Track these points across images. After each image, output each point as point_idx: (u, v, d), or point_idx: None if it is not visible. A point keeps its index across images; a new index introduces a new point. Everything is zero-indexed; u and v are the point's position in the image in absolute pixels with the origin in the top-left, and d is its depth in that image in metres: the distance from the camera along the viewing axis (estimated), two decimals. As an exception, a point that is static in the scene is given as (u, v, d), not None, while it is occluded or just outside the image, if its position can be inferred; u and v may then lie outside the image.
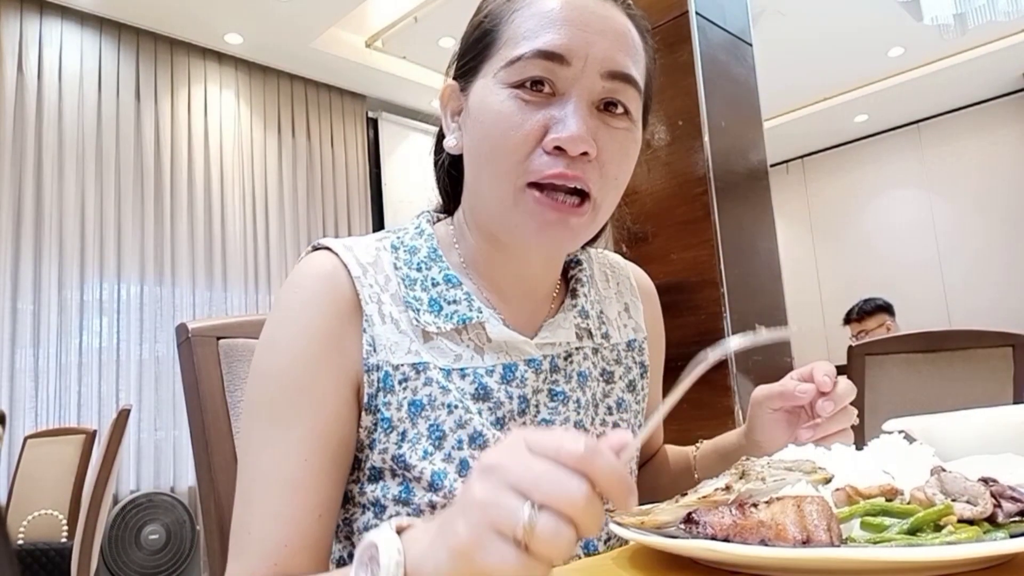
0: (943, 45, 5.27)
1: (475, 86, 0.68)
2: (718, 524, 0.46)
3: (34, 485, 2.75)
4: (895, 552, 0.40)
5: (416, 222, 0.77)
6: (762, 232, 2.17)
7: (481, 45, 0.68)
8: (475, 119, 0.67)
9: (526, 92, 0.64)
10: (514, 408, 0.69)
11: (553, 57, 0.63)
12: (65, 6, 4.05)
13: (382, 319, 0.67)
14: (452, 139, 0.72)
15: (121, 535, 3.64)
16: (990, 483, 0.46)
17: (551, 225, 0.65)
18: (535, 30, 0.64)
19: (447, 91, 0.73)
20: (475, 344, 0.70)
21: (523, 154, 0.64)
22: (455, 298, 0.70)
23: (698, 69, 2.05)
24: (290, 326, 0.66)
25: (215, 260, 4.45)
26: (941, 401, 1.59)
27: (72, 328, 3.87)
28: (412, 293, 0.69)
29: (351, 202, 5.17)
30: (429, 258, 0.72)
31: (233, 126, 4.69)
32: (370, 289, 0.68)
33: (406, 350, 0.67)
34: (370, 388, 0.66)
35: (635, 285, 0.88)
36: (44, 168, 3.88)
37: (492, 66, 0.67)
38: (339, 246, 0.70)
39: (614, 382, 0.79)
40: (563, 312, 0.76)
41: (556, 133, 0.63)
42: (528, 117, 0.64)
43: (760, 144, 2.24)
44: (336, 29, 4.62)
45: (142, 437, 4.01)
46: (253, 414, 0.66)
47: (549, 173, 0.63)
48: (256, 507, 0.62)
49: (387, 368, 0.66)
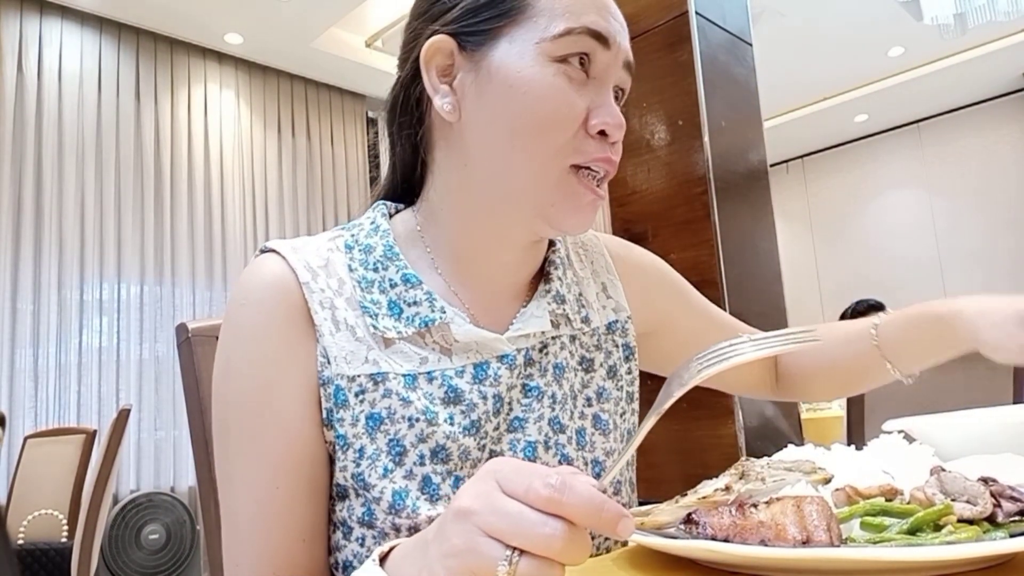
0: (943, 45, 5.27)
1: (498, 51, 0.63)
2: (718, 524, 0.46)
3: (34, 485, 2.75)
4: (895, 552, 0.40)
5: (371, 216, 0.71)
6: (762, 232, 2.18)
7: (504, 7, 0.63)
8: (509, 88, 0.62)
9: (572, 70, 0.62)
10: (489, 409, 0.65)
11: (600, 38, 0.63)
12: (65, 6, 4.05)
13: (335, 326, 0.64)
14: (447, 103, 0.65)
15: (121, 535, 3.64)
16: (990, 483, 0.46)
17: (586, 207, 0.65)
18: (577, 7, 0.63)
19: (434, 47, 0.65)
20: (441, 346, 0.66)
21: (572, 133, 0.63)
22: (415, 299, 0.65)
23: (698, 69, 2.05)
24: (242, 347, 0.63)
25: (215, 260, 4.46)
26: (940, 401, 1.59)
27: (72, 328, 3.87)
28: (369, 296, 0.65)
29: (351, 202, 5.17)
30: (386, 257, 0.67)
31: (233, 126, 4.69)
32: (321, 295, 0.64)
33: (363, 359, 0.63)
34: (327, 403, 0.63)
35: (610, 261, 0.83)
36: (44, 168, 3.88)
37: (524, 32, 0.63)
38: (287, 248, 0.66)
39: (594, 370, 0.75)
40: (536, 300, 0.71)
41: (601, 118, 0.63)
42: (577, 97, 0.63)
43: (760, 144, 2.24)
44: (336, 29, 4.62)
45: (142, 437, 4.01)
46: (220, 443, 0.64)
47: (597, 156, 0.64)
48: (242, 537, 0.61)
49: (340, 381, 0.62)
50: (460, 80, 0.65)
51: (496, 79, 0.63)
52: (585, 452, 0.71)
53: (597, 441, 0.72)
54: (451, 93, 0.65)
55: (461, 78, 0.65)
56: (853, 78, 5.84)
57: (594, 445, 0.72)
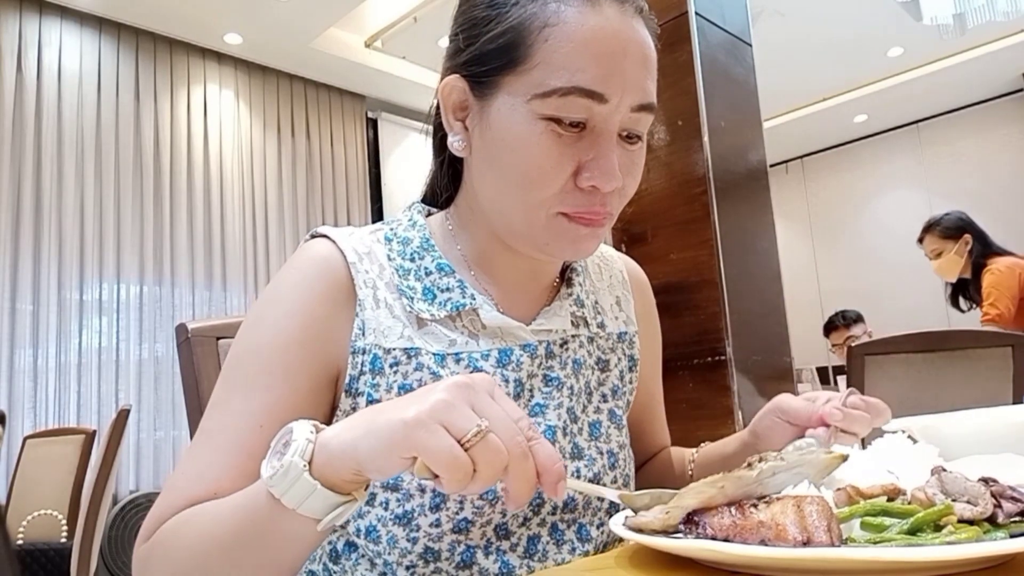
0: (942, 45, 5.27)
1: (497, 100, 0.65)
2: (718, 525, 0.46)
3: (33, 485, 2.75)
4: (896, 552, 0.40)
5: (408, 214, 0.77)
6: (761, 232, 2.17)
7: (507, 57, 0.64)
8: (501, 141, 0.65)
9: (562, 127, 0.62)
10: (510, 392, 0.69)
11: (593, 96, 0.62)
12: (65, 6, 4.04)
13: (376, 304, 0.69)
14: (457, 142, 0.69)
15: (121, 535, 3.64)
16: (990, 483, 0.46)
17: (583, 239, 0.67)
18: (573, 59, 0.61)
19: (450, 86, 0.68)
20: (469, 331, 0.70)
21: (556, 189, 0.64)
22: (448, 286, 0.71)
23: (698, 69, 2.05)
24: (278, 305, 0.67)
25: (215, 260, 4.45)
26: (941, 401, 1.60)
27: (71, 328, 3.87)
28: (406, 282, 0.70)
29: (351, 202, 5.17)
30: (422, 248, 0.73)
31: (233, 126, 4.69)
32: (365, 275, 0.69)
33: (399, 335, 0.68)
34: (353, 371, 0.67)
35: (627, 279, 0.88)
36: (43, 168, 3.88)
37: (521, 86, 0.63)
38: (336, 234, 0.71)
39: (609, 370, 0.80)
40: (559, 300, 0.76)
41: (590, 172, 0.63)
42: (563, 153, 0.63)
43: (760, 144, 2.24)
44: (335, 29, 4.62)
45: (142, 437, 4.01)
46: (222, 382, 0.66)
47: (583, 210, 0.65)
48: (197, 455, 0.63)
49: (376, 351, 0.67)
50: (471, 120, 0.69)
51: (493, 129, 0.66)
52: (600, 443, 0.75)
53: (612, 434, 0.77)
54: (464, 131, 0.69)
55: (471, 119, 0.69)
56: (853, 78, 5.84)
57: (609, 437, 0.76)
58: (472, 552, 0.66)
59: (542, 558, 0.69)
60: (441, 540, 0.65)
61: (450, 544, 0.65)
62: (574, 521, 0.72)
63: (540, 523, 0.70)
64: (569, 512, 0.71)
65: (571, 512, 0.71)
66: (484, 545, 0.66)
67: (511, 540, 0.68)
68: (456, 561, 0.65)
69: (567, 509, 0.71)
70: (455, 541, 0.65)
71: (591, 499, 0.72)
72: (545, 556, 0.69)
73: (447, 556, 0.65)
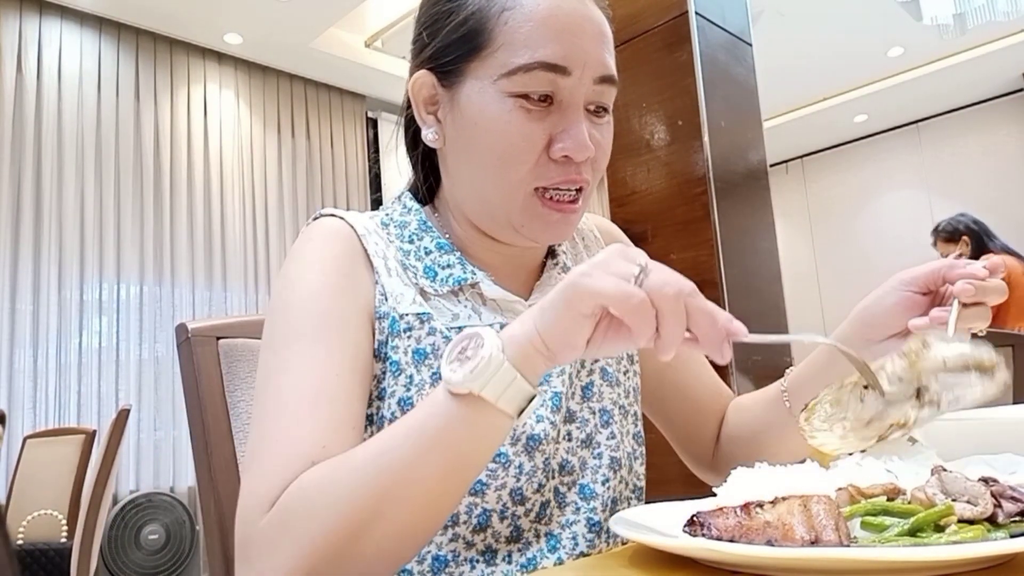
0: (942, 45, 5.27)
1: (465, 87, 0.68)
2: (723, 525, 0.46)
3: (34, 485, 2.75)
4: (903, 552, 0.40)
5: (400, 201, 0.79)
6: (762, 232, 2.17)
7: (470, 44, 0.67)
8: (473, 125, 0.67)
9: (530, 103, 0.65)
10: None
11: (557, 69, 0.65)
12: (65, 6, 4.04)
13: (388, 272, 0.71)
14: (431, 134, 0.72)
15: (121, 535, 3.64)
16: (990, 483, 0.46)
17: (555, 224, 0.69)
18: (534, 37, 0.64)
19: (419, 82, 0.72)
20: (472, 304, 0.72)
21: (531, 163, 0.66)
22: (448, 263, 0.72)
23: (698, 69, 2.04)
24: (307, 267, 0.68)
25: (215, 260, 4.45)
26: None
27: (71, 328, 3.87)
28: (408, 261, 0.72)
29: (351, 202, 5.17)
30: (420, 229, 0.75)
31: (233, 126, 4.68)
32: (375, 247, 0.72)
33: (411, 301, 0.70)
34: (380, 335, 0.68)
35: (598, 236, 0.89)
36: (43, 168, 3.88)
37: (486, 69, 0.66)
38: (341, 212, 0.74)
39: None
40: (547, 272, 0.79)
41: (563, 143, 0.66)
42: (534, 128, 0.66)
43: (760, 144, 2.24)
44: (335, 29, 4.62)
45: (142, 437, 4.01)
46: (274, 345, 0.64)
47: (559, 179, 0.67)
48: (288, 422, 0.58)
49: (394, 315, 0.69)
50: (442, 112, 0.71)
51: (465, 115, 0.68)
52: (592, 403, 0.76)
53: (605, 392, 0.78)
54: (436, 123, 0.72)
55: (442, 110, 0.71)
56: (853, 78, 5.84)
57: (602, 395, 0.77)
58: (488, 515, 0.67)
59: (548, 521, 0.70)
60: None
61: (467, 506, 0.66)
62: (574, 483, 0.72)
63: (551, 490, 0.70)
64: (568, 475, 0.72)
65: (569, 475, 0.72)
66: (500, 510, 0.67)
67: (525, 506, 0.69)
68: (472, 524, 0.66)
69: (564, 472, 0.72)
70: (471, 504, 0.66)
71: (587, 460, 0.73)
72: (550, 519, 0.70)
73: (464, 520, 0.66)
